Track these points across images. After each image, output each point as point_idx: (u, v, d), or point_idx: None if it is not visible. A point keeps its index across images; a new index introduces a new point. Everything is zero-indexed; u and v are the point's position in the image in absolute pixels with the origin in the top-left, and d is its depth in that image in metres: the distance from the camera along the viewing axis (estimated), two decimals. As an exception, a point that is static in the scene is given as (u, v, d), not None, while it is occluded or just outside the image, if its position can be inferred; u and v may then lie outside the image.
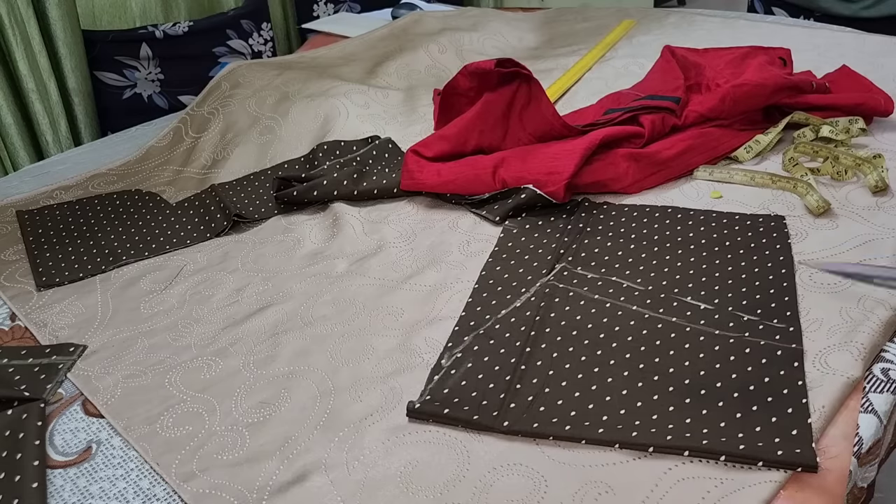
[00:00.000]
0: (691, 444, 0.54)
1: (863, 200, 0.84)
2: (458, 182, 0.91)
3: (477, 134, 0.97)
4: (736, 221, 0.81)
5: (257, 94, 1.18)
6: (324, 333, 0.72)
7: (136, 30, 1.46)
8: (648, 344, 0.65)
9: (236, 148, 1.10)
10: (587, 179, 0.89)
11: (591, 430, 0.57)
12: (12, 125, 1.31)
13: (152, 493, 0.57)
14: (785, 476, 0.52)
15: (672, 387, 0.60)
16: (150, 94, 1.51)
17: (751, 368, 0.61)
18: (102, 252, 0.88)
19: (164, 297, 0.80)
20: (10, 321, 0.78)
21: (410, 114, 1.18)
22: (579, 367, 0.63)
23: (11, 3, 1.25)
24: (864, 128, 0.97)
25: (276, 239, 0.89)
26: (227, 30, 1.54)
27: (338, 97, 1.16)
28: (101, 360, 0.71)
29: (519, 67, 0.98)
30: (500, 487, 0.54)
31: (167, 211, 0.97)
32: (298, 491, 0.55)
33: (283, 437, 0.60)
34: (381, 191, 0.94)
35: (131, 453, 0.61)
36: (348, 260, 0.83)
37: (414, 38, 1.42)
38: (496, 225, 0.87)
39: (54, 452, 0.61)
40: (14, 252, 0.90)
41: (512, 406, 0.60)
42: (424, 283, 0.78)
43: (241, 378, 0.67)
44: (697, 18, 1.50)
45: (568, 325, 0.68)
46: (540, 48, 1.44)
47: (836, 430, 0.57)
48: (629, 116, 0.97)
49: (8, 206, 0.98)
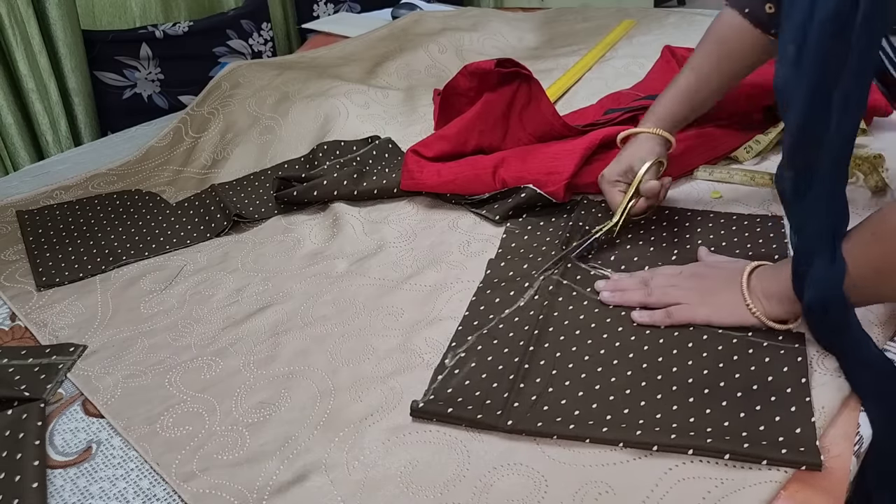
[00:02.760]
0: (695, 443, 0.54)
1: (863, 200, 0.84)
2: (458, 182, 0.91)
3: (477, 134, 0.97)
4: (735, 221, 0.81)
5: (257, 94, 1.18)
6: (324, 333, 0.72)
7: (136, 30, 1.46)
8: (651, 343, 0.65)
9: (236, 148, 1.10)
10: (587, 179, 0.89)
11: (595, 430, 0.57)
12: (12, 125, 1.31)
13: (152, 493, 0.57)
14: (785, 476, 0.52)
15: (675, 386, 0.60)
16: (150, 94, 1.51)
17: (754, 367, 0.61)
18: (102, 252, 0.88)
19: (164, 297, 0.80)
20: (10, 321, 0.78)
21: (410, 114, 1.18)
22: (583, 367, 0.63)
23: (11, 3, 1.25)
24: (864, 128, 0.97)
25: (276, 239, 0.89)
26: (227, 30, 1.54)
27: (338, 97, 1.16)
28: (101, 360, 0.71)
29: (519, 67, 0.98)
30: (501, 487, 0.54)
31: (167, 211, 0.97)
32: (298, 491, 0.55)
33: (283, 437, 0.60)
34: (381, 191, 0.94)
35: (131, 453, 0.61)
36: (348, 260, 0.83)
37: (414, 38, 1.42)
38: (496, 225, 0.87)
39: (54, 452, 0.61)
40: (14, 252, 0.90)
41: (516, 405, 0.60)
42: (424, 283, 0.78)
43: (241, 378, 0.67)
44: (697, 18, 1.50)
45: (571, 325, 0.68)
46: (540, 48, 1.44)
47: (837, 430, 0.57)
48: (629, 116, 0.97)
49: (8, 206, 0.98)
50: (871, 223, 0.58)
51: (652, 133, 0.82)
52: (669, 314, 0.66)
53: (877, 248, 0.56)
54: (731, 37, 0.81)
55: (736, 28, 0.80)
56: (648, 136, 0.82)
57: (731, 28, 0.80)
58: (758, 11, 0.77)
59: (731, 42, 0.81)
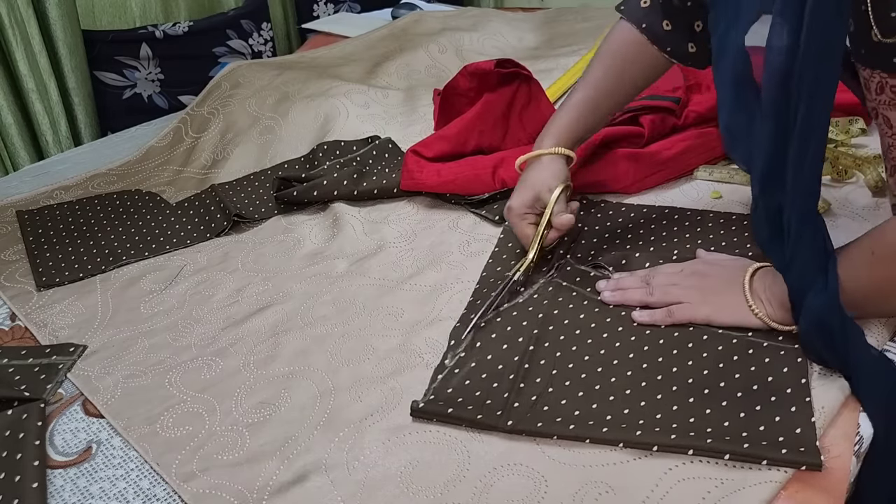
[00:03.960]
0: (695, 443, 0.54)
1: (863, 200, 0.84)
2: (458, 182, 0.91)
3: (477, 134, 0.97)
4: (735, 221, 0.81)
5: (257, 94, 1.18)
6: (324, 333, 0.72)
7: (136, 30, 1.46)
8: (652, 343, 0.65)
9: (236, 148, 1.10)
10: (587, 179, 0.89)
11: (595, 430, 0.57)
12: (12, 125, 1.31)
13: (152, 494, 0.57)
14: (785, 476, 0.52)
15: (675, 386, 0.60)
16: (150, 94, 1.51)
17: (754, 368, 0.61)
18: (102, 252, 0.88)
19: (164, 297, 0.80)
20: (10, 321, 0.78)
21: (410, 114, 1.18)
22: (583, 367, 0.63)
23: (11, 3, 1.25)
24: (864, 128, 0.97)
25: (276, 239, 0.89)
26: (227, 30, 1.54)
27: (338, 97, 1.16)
28: (101, 360, 0.71)
29: (519, 68, 0.98)
30: (501, 487, 0.54)
31: (167, 211, 0.97)
32: (298, 491, 0.55)
33: (283, 437, 0.60)
34: (381, 191, 0.94)
35: (131, 453, 0.61)
36: (348, 260, 0.83)
37: (414, 38, 1.42)
38: (496, 225, 0.87)
39: (54, 452, 0.61)
40: (14, 252, 0.90)
41: (516, 405, 0.60)
42: (424, 283, 0.78)
43: (241, 378, 0.67)
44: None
45: (571, 325, 0.68)
46: (540, 48, 1.44)
47: (837, 430, 0.57)
48: (629, 116, 0.97)
49: (8, 206, 0.98)
50: (870, 242, 0.58)
51: (553, 154, 0.77)
52: (670, 313, 0.66)
53: (881, 269, 0.57)
54: (629, 51, 0.78)
55: (633, 42, 0.78)
56: (550, 157, 0.77)
57: (628, 43, 0.78)
58: (655, 28, 0.76)
59: (628, 56, 0.79)
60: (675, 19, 0.76)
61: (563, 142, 0.78)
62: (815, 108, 0.53)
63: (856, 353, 0.58)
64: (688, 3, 0.75)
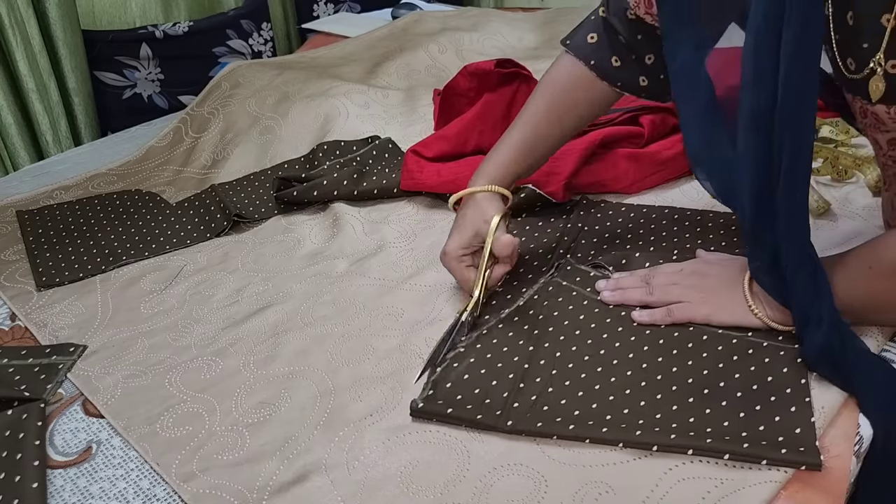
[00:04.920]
0: (695, 443, 0.54)
1: (863, 200, 0.84)
2: (458, 182, 0.90)
3: (477, 134, 0.97)
4: (735, 221, 0.81)
5: (257, 94, 1.18)
6: (324, 333, 0.72)
7: (136, 30, 1.46)
8: (651, 343, 0.65)
9: (236, 148, 1.10)
10: (587, 179, 0.89)
11: (595, 430, 0.57)
12: (12, 125, 1.31)
13: (152, 494, 0.57)
14: (785, 476, 0.52)
15: (675, 386, 0.60)
16: (150, 94, 1.51)
17: (754, 368, 0.61)
18: (102, 252, 0.88)
19: (164, 297, 0.80)
20: (10, 321, 0.78)
21: (410, 114, 1.18)
22: (583, 367, 0.63)
23: (11, 3, 1.25)
24: (865, 128, 0.97)
25: (276, 239, 0.89)
26: (227, 30, 1.54)
27: (338, 97, 1.16)
28: (101, 360, 0.71)
29: (519, 68, 0.98)
30: (501, 487, 0.54)
31: (167, 211, 0.97)
32: (298, 491, 0.55)
33: (283, 437, 0.60)
34: (381, 191, 0.94)
35: (131, 453, 0.61)
36: (348, 260, 0.83)
37: (414, 38, 1.42)
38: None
39: (54, 452, 0.61)
40: (14, 252, 0.90)
41: (516, 405, 0.60)
42: (424, 283, 0.78)
43: (241, 378, 0.67)
44: (697, 18, 1.49)
45: (571, 325, 0.68)
46: (540, 48, 1.44)
47: (837, 430, 0.57)
48: (629, 116, 0.97)
49: (8, 206, 0.98)
50: (867, 256, 0.59)
51: (488, 192, 0.73)
52: (670, 312, 0.66)
53: (878, 283, 0.58)
54: (577, 86, 0.76)
55: (580, 78, 0.75)
56: (485, 195, 0.73)
57: (574, 78, 0.76)
58: (603, 64, 0.74)
59: (573, 93, 0.76)
60: (624, 55, 0.74)
61: (499, 180, 0.75)
62: (798, 160, 0.54)
63: (857, 366, 0.58)
64: (638, 37, 0.73)
